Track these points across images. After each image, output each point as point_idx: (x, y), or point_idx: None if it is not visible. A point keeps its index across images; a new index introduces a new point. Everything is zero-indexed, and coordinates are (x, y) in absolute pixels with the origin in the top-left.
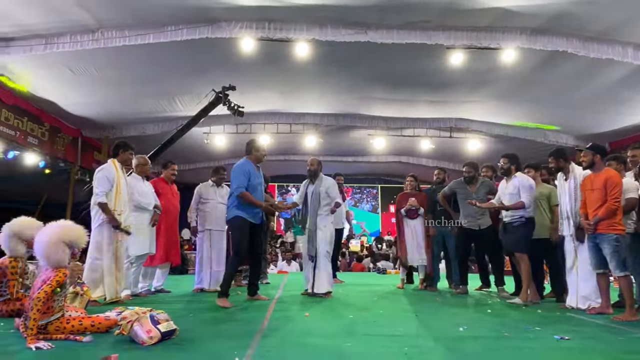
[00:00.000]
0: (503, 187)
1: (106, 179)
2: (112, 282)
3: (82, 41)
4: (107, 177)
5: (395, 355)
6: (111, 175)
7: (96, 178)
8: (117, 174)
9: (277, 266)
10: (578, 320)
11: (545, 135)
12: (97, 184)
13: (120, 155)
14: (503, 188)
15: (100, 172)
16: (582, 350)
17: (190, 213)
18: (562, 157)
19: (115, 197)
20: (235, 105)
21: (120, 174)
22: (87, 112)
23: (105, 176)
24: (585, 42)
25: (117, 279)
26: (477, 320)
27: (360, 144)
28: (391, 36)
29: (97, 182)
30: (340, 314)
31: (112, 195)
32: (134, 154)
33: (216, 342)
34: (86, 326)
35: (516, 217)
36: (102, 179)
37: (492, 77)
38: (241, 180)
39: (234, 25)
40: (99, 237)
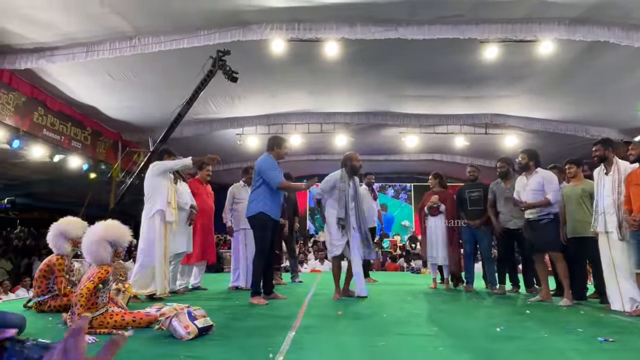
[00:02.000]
0: (523, 183)
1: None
2: (162, 278)
3: (121, 48)
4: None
5: (429, 354)
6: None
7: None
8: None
9: (310, 265)
10: (623, 322)
11: (587, 130)
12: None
13: (165, 160)
14: (523, 184)
15: (157, 164)
16: (627, 353)
17: (225, 214)
18: (610, 145)
19: (170, 191)
20: (230, 69)
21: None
22: (126, 116)
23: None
24: (629, 31)
25: (165, 275)
26: (514, 320)
27: (392, 142)
28: (422, 32)
29: (162, 164)
30: (373, 313)
31: (169, 189)
32: (174, 159)
33: (251, 338)
34: (128, 321)
35: (543, 214)
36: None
37: (529, 70)
38: (274, 173)
39: (265, 27)
40: (149, 234)
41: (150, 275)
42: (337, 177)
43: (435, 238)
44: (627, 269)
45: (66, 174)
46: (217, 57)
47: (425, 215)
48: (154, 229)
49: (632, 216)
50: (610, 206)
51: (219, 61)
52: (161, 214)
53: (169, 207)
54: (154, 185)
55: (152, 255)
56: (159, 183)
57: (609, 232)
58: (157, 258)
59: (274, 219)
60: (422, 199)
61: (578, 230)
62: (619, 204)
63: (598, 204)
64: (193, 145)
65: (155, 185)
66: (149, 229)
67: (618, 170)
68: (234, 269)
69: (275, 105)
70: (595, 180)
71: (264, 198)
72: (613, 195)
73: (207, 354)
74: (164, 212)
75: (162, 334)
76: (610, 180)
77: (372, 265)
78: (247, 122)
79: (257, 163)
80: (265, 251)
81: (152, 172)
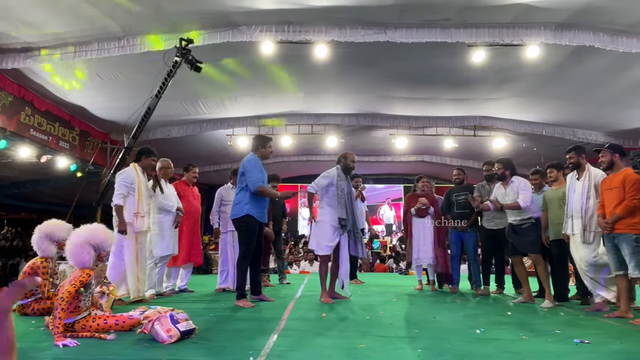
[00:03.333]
0: (501, 193)
1: (125, 183)
2: (134, 282)
3: (109, 48)
4: (126, 181)
5: (408, 356)
6: (130, 179)
7: (116, 180)
8: (138, 178)
9: (300, 266)
10: (600, 323)
11: (574, 133)
12: (116, 187)
13: (142, 161)
14: (502, 194)
15: (120, 175)
16: (600, 354)
17: (212, 215)
18: (583, 152)
19: (137, 200)
20: (194, 59)
21: (141, 178)
22: (115, 117)
23: (124, 180)
24: (614, 36)
25: (139, 278)
26: (496, 322)
27: (382, 143)
28: (411, 35)
29: (117, 185)
30: (358, 314)
31: (135, 199)
32: (156, 160)
33: (233, 341)
34: (110, 325)
35: (525, 218)
36: (121, 182)
37: (516, 74)
38: (257, 175)
39: (254, 29)
40: (119, 238)
41: (122, 277)
42: (334, 174)
43: (423, 239)
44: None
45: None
46: (181, 46)
47: (411, 217)
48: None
49: (604, 220)
50: (577, 210)
51: (182, 50)
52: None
53: (136, 217)
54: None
55: (122, 258)
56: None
57: (574, 234)
58: (128, 261)
59: (260, 221)
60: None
61: (559, 232)
62: (586, 209)
63: (568, 207)
64: (183, 145)
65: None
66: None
67: (589, 176)
68: (221, 271)
69: (265, 106)
70: (567, 185)
71: (249, 200)
72: (581, 200)
73: (188, 357)
74: (132, 224)
75: (144, 337)
76: (581, 185)
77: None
78: (237, 123)
79: (242, 163)
80: (249, 254)
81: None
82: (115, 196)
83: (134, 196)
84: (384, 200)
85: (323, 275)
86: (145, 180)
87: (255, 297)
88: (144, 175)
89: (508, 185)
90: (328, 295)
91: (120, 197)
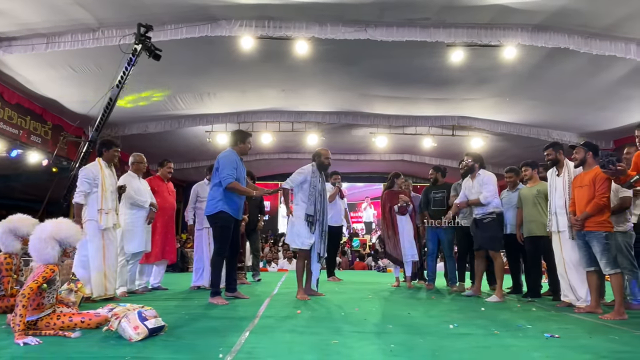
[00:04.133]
0: (469, 185)
1: (86, 180)
2: (99, 279)
3: (83, 40)
4: (87, 177)
5: (381, 352)
6: (92, 175)
7: (78, 178)
8: (102, 173)
9: (279, 264)
10: (571, 318)
11: (549, 134)
12: (78, 184)
13: (104, 154)
14: (469, 186)
15: (81, 172)
16: (569, 348)
17: (187, 212)
18: (560, 148)
19: (101, 196)
20: (152, 46)
21: (105, 172)
22: (89, 111)
23: (85, 177)
24: (588, 39)
25: (105, 276)
26: (469, 318)
27: (362, 142)
28: (391, 34)
29: (78, 182)
30: (333, 311)
31: (98, 195)
32: (119, 151)
33: (203, 339)
34: (76, 322)
35: (487, 213)
36: (82, 179)
37: (493, 74)
38: (230, 170)
39: (234, 24)
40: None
41: (86, 275)
42: (309, 171)
43: (408, 236)
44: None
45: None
46: (139, 33)
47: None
48: (87, 230)
49: (575, 217)
50: (561, 206)
51: (141, 36)
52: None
53: (100, 214)
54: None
55: (85, 255)
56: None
57: (561, 232)
58: (92, 258)
59: (235, 217)
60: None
61: (533, 230)
62: (569, 204)
63: (551, 204)
64: (160, 142)
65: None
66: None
67: (568, 172)
68: (196, 268)
69: (245, 103)
70: (548, 182)
71: (223, 196)
72: (564, 196)
73: (155, 355)
74: (96, 222)
75: (111, 335)
76: (562, 181)
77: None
78: (216, 119)
79: (217, 159)
80: (224, 250)
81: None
82: (76, 194)
83: (98, 192)
84: (363, 198)
85: (300, 272)
86: (111, 174)
87: (230, 294)
88: (110, 169)
89: (475, 178)
90: (304, 292)
91: (81, 195)
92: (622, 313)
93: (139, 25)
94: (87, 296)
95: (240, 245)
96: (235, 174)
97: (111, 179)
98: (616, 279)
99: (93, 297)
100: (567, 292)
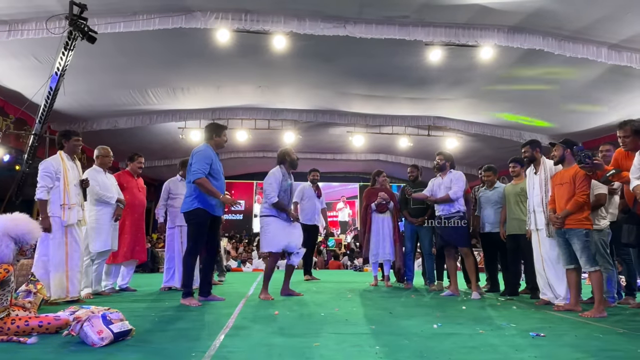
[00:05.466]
0: (438, 182)
1: (47, 174)
2: (60, 281)
3: (49, 28)
4: (48, 171)
5: (365, 354)
6: (53, 168)
7: (39, 172)
8: (64, 166)
9: (253, 264)
10: (552, 316)
11: (521, 135)
12: (38, 179)
13: (65, 146)
14: (438, 183)
15: (41, 166)
16: (557, 347)
17: (158, 209)
18: (537, 146)
19: (63, 190)
20: (87, 27)
21: (67, 165)
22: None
23: (45, 171)
24: (561, 41)
25: (67, 276)
26: (452, 317)
27: (339, 141)
28: (370, 31)
29: (39, 177)
30: (311, 312)
31: (60, 190)
32: (80, 140)
33: (175, 343)
34: (33, 327)
35: (453, 211)
36: (42, 173)
37: (469, 75)
38: (202, 165)
39: (209, 16)
40: (45, 233)
41: (47, 277)
42: (279, 177)
43: (382, 235)
44: (556, 265)
45: None
46: (71, 12)
47: (370, 212)
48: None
49: (555, 215)
50: (539, 204)
51: (74, 16)
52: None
53: (63, 209)
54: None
55: (45, 254)
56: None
57: (539, 230)
58: (53, 258)
59: (213, 214)
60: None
61: (514, 227)
62: (546, 202)
63: (529, 202)
64: (131, 138)
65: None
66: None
67: (545, 169)
68: (167, 268)
69: (220, 99)
70: (527, 180)
71: (200, 192)
72: (541, 194)
73: None
74: (59, 218)
75: (72, 340)
76: (539, 179)
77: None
78: (190, 115)
79: (192, 154)
80: (197, 249)
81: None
82: (38, 190)
83: (60, 187)
84: (339, 197)
85: (269, 272)
86: (74, 167)
87: (203, 298)
88: (73, 162)
89: (446, 175)
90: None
91: (44, 191)
92: (602, 311)
93: (72, 4)
94: (49, 298)
95: (219, 245)
96: (208, 170)
97: (74, 171)
98: (596, 277)
99: (51, 300)
100: (545, 289)
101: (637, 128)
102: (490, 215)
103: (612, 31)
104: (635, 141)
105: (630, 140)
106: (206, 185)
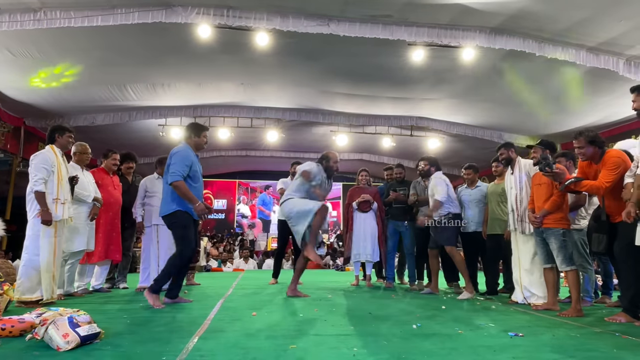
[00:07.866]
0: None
1: (44, 166)
2: (49, 281)
3: (23, 21)
4: (45, 164)
5: (344, 356)
6: (49, 162)
7: (32, 165)
8: (58, 161)
9: (234, 264)
10: (530, 316)
11: (501, 136)
12: (33, 172)
13: (57, 141)
14: (422, 188)
15: (36, 158)
16: (535, 347)
17: (135, 208)
18: (511, 147)
19: (57, 185)
20: None
21: (60, 160)
22: (30, 99)
23: (42, 163)
24: (541, 43)
25: (54, 277)
26: (431, 317)
27: (322, 140)
28: (353, 29)
29: (34, 170)
30: (290, 312)
31: (54, 184)
32: (72, 137)
33: (145, 346)
34: None
35: (444, 214)
36: (39, 166)
37: (452, 76)
38: (181, 167)
39: (190, 11)
40: (34, 230)
41: (37, 277)
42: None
43: (364, 234)
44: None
45: None
46: None
47: (352, 211)
48: (38, 225)
49: (533, 214)
50: (514, 203)
51: None
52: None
53: (55, 204)
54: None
55: (37, 254)
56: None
57: (516, 229)
58: (44, 257)
59: (194, 216)
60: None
61: (494, 228)
62: (520, 199)
63: (508, 203)
64: (109, 135)
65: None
66: (34, 224)
67: (519, 168)
68: (143, 269)
69: (202, 96)
70: (505, 181)
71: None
72: (516, 191)
73: None
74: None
75: (36, 344)
76: (514, 178)
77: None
78: (170, 113)
79: (171, 154)
80: (188, 252)
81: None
82: (35, 182)
83: (54, 180)
84: None
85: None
86: (65, 163)
87: (170, 300)
88: (64, 158)
89: (429, 180)
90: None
91: (41, 183)
92: (579, 310)
93: None
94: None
95: (197, 246)
96: (187, 172)
97: (65, 167)
98: (572, 276)
99: (43, 301)
100: (523, 289)
101: (591, 138)
102: (475, 215)
103: (590, 34)
104: (591, 150)
105: (585, 151)
106: (183, 189)
